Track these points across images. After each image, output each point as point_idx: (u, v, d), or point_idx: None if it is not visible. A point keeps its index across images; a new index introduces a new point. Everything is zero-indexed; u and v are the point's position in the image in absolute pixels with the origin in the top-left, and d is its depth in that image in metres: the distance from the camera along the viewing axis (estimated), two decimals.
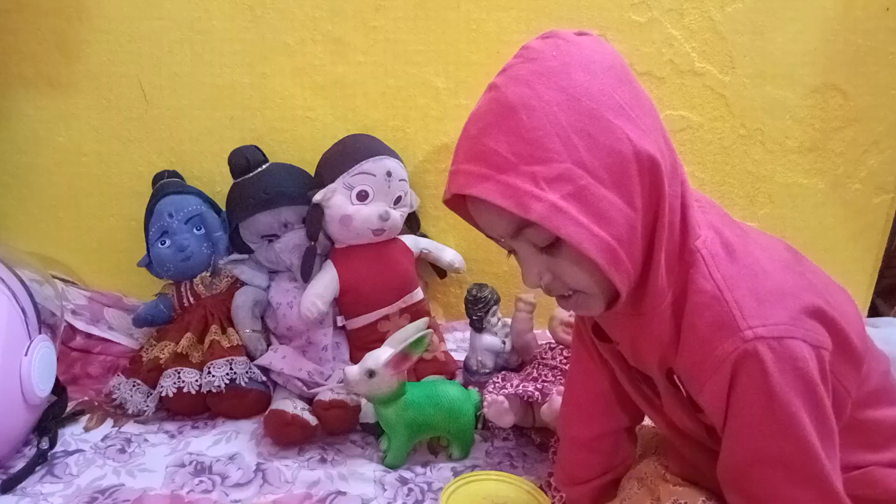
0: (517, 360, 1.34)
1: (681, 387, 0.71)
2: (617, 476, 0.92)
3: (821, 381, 0.60)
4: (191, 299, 1.34)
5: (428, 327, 1.11)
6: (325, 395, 1.19)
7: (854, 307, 0.70)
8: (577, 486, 0.94)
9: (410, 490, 1.07)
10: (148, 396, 1.22)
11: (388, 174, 1.28)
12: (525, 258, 0.66)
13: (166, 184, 1.38)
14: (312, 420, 1.15)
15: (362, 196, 1.27)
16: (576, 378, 0.94)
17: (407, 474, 1.11)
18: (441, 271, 1.50)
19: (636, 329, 0.72)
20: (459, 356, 1.41)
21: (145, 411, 1.21)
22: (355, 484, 1.07)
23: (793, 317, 0.60)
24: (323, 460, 1.13)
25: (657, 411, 0.80)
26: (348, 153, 1.28)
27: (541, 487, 1.06)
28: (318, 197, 1.25)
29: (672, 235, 0.65)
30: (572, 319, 1.23)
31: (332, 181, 1.26)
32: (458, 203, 0.70)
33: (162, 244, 1.33)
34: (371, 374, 1.07)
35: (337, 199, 1.26)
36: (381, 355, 1.08)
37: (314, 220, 1.27)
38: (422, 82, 1.42)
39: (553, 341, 1.28)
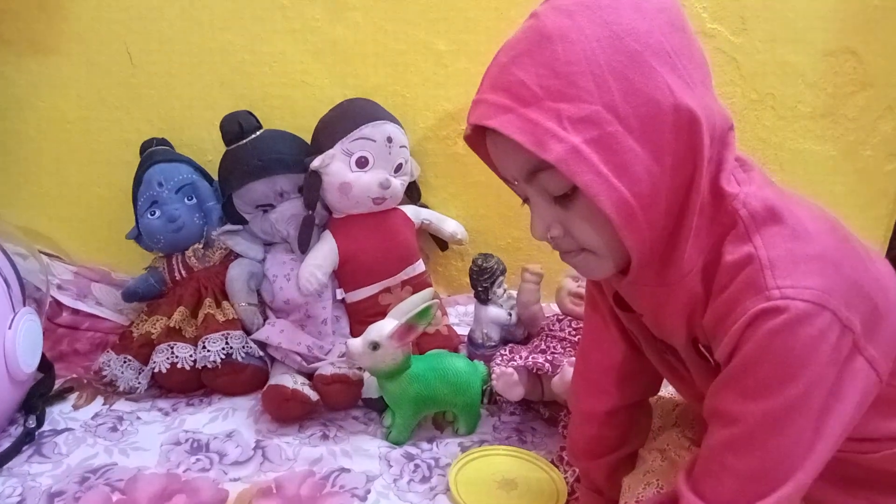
0: (523, 332, 1.30)
1: (707, 356, 0.67)
2: (632, 450, 0.89)
3: (836, 363, 0.55)
4: (182, 272, 1.29)
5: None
6: (326, 369, 1.14)
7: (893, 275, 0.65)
8: (591, 461, 0.90)
9: (417, 466, 1.03)
10: (139, 373, 1.18)
11: (389, 140, 1.23)
12: (536, 207, 0.62)
13: (155, 152, 1.32)
14: (313, 395, 1.11)
15: (362, 162, 1.22)
16: (589, 350, 0.89)
17: (413, 450, 1.07)
18: (442, 243, 1.45)
19: (661, 299, 0.67)
20: (462, 331, 1.38)
21: (137, 388, 1.17)
22: (359, 460, 1.03)
23: (828, 287, 0.55)
24: (325, 437, 1.09)
25: (684, 382, 0.76)
26: (347, 117, 1.23)
27: (552, 462, 1.03)
28: (315, 163, 1.19)
29: (707, 199, 0.60)
30: (581, 290, 1.20)
31: (331, 147, 1.21)
32: (478, 140, 0.65)
33: (151, 215, 1.27)
34: (375, 346, 1.02)
35: (335, 165, 1.21)
36: (384, 327, 1.04)
37: (312, 187, 1.21)
38: (423, 45, 1.36)
39: (560, 313, 1.24)
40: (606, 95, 0.53)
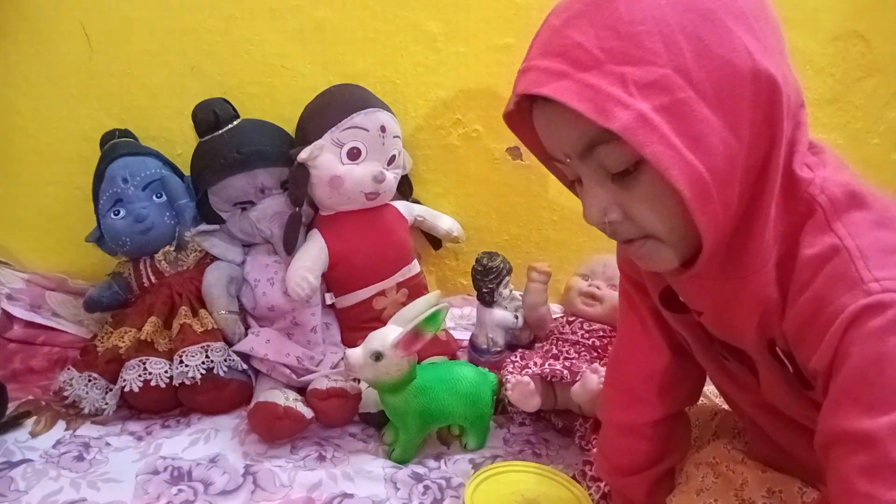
0: (529, 336, 1.22)
1: (785, 361, 0.58)
2: (672, 464, 0.81)
3: None
4: (152, 278, 1.17)
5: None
6: (320, 382, 1.04)
7: None
8: (627, 476, 0.82)
9: (427, 487, 0.93)
10: (107, 392, 1.06)
11: (382, 129, 1.13)
12: (590, 188, 0.56)
13: (118, 144, 1.20)
14: (308, 412, 1.01)
15: (354, 154, 1.11)
16: (625, 356, 0.82)
17: (420, 469, 0.97)
18: (436, 241, 1.36)
19: (728, 295, 0.59)
20: (458, 335, 1.30)
21: (104, 410, 1.05)
22: (363, 484, 0.93)
23: None
24: (321, 458, 0.99)
25: (745, 390, 0.69)
26: (337, 105, 1.13)
27: (573, 478, 0.94)
28: (303, 155, 1.09)
29: (782, 181, 0.53)
30: (593, 289, 1.12)
31: (319, 137, 1.11)
32: (519, 118, 0.59)
33: (115, 215, 1.15)
34: (378, 356, 0.92)
35: (325, 157, 1.11)
36: (388, 335, 0.94)
37: (299, 182, 1.11)
38: (414, 27, 1.27)
39: (569, 314, 1.16)
40: (677, 58, 0.48)
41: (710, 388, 0.87)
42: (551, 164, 0.62)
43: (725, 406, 0.91)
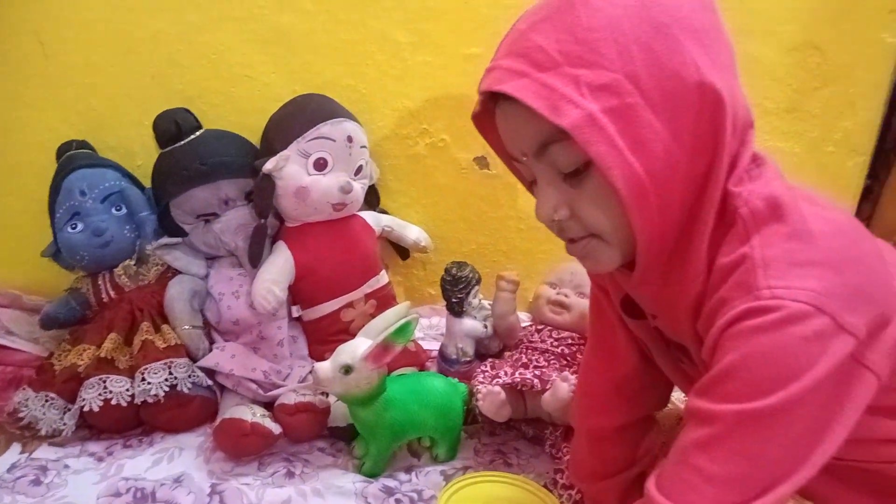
0: (498, 345, 1.22)
1: None
2: (643, 468, 0.83)
3: (833, 368, 0.49)
4: (111, 293, 1.14)
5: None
6: (288, 397, 1.02)
7: None
8: (599, 482, 0.84)
9: (398, 501, 0.93)
10: (64, 412, 1.02)
11: (349, 139, 1.12)
12: (543, 186, 0.59)
13: (75, 156, 1.16)
14: (276, 428, 0.98)
15: (320, 164, 1.10)
16: (595, 363, 0.84)
17: (391, 483, 0.96)
18: (403, 251, 1.35)
19: (671, 300, 0.62)
20: (427, 345, 1.28)
21: (62, 431, 1.01)
22: (333, 499, 0.92)
23: (826, 290, 0.50)
24: (290, 474, 0.97)
25: None
26: (303, 115, 1.11)
27: (545, 486, 0.94)
28: (268, 166, 1.07)
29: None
30: (561, 297, 1.13)
31: (285, 147, 1.09)
32: (487, 119, 0.62)
33: (73, 228, 1.12)
34: (347, 370, 0.91)
35: (291, 168, 1.09)
36: (357, 347, 0.93)
37: (264, 193, 1.09)
38: (380, 36, 1.26)
39: (537, 322, 1.16)
40: (629, 65, 0.51)
41: (675, 394, 0.89)
42: (513, 165, 0.64)
43: None
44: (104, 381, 1.01)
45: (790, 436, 0.50)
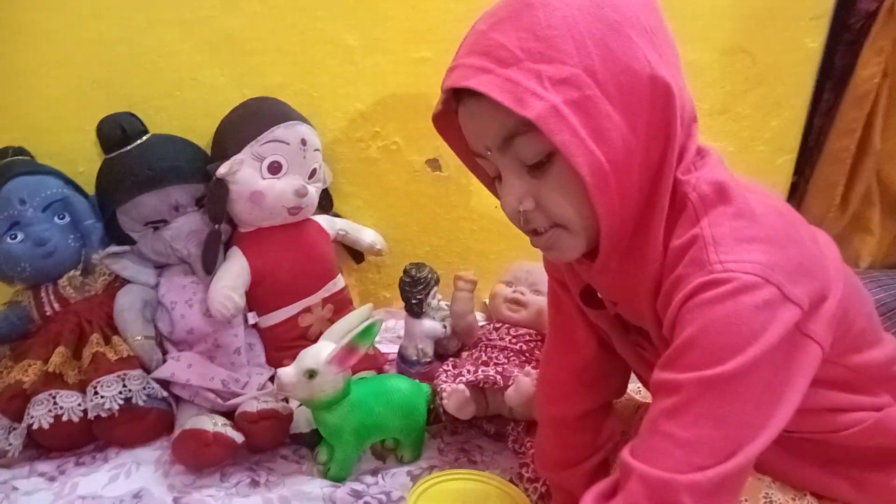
0: (456, 345, 1.23)
1: None
2: (606, 455, 0.86)
3: (782, 336, 0.53)
4: (55, 306, 1.09)
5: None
6: (250, 405, 1.00)
7: (838, 257, 0.66)
8: (565, 470, 0.86)
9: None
10: (10, 432, 0.97)
11: (303, 142, 1.12)
12: (508, 179, 0.61)
13: (13, 163, 1.11)
14: (238, 436, 0.97)
15: (274, 168, 1.09)
16: (556, 354, 0.86)
17: (358, 486, 0.96)
18: (358, 255, 1.35)
19: (631, 284, 0.65)
20: (384, 349, 1.28)
21: (8, 451, 0.96)
22: None
23: (772, 263, 0.54)
24: (255, 483, 0.96)
25: None
26: (256, 118, 1.10)
27: (511, 481, 0.96)
28: (222, 170, 1.05)
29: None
30: (517, 295, 1.15)
31: (238, 151, 1.08)
32: (447, 121, 0.65)
33: (12, 238, 1.07)
34: (312, 374, 0.91)
35: (245, 172, 1.07)
36: (321, 351, 0.93)
37: (218, 198, 1.07)
38: (330, 39, 1.25)
39: (495, 321, 1.18)
40: (586, 60, 0.54)
41: (632, 386, 0.92)
42: (474, 163, 0.66)
43: (647, 400, 0.96)
44: (54, 397, 0.97)
45: (750, 399, 0.53)
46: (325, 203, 1.28)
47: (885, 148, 1.45)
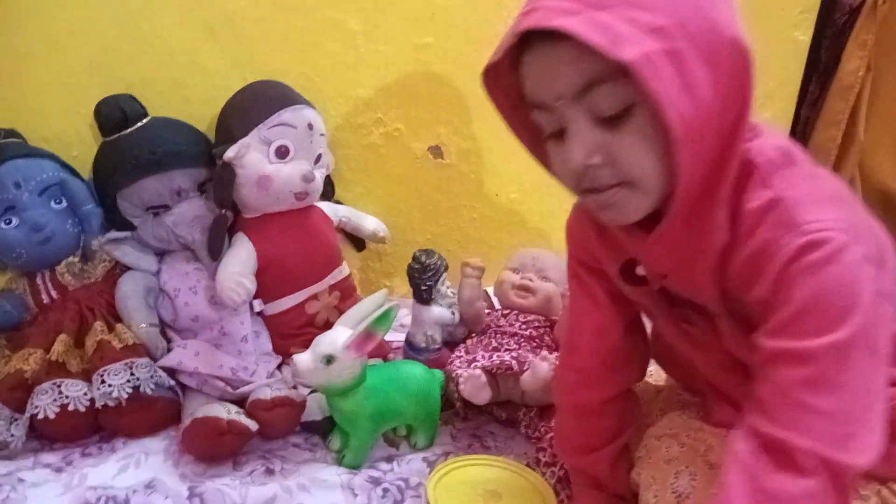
0: (464, 332, 1.23)
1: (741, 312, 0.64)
2: (627, 438, 0.85)
3: (874, 291, 0.54)
4: (53, 294, 1.06)
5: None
6: (263, 392, 0.98)
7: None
8: (587, 455, 0.85)
9: (386, 490, 0.91)
10: (11, 423, 0.93)
11: (310, 126, 1.10)
12: (576, 132, 0.58)
13: (6, 146, 1.07)
14: (252, 424, 0.95)
15: (282, 152, 1.07)
16: (577, 339, 0.84)
17: (374, 473, 0.95)
18: (359, 242, 1.34)
19: (690, 251, 0.63)
20: (387, 336, 1.25)
21: (10, 443, 0.92)
22: (320, 493, 0.89)
23: (850, 220, 0.56)
24: (270, 472, 0.93)
25: (707, 349, 0.73)
26: (262, 101, 1.08)
27: (528, 465, 0.96)
28: (229, 154, 1.03)
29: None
30: (525, 281, 1.15)
31: (244, 135, 1.05)
32: (497, 75, 0.62)
33: (7, 224, 1.03)
34: (329, 360, 0.90)
35: (252, 156, 1.05)
36: (338, 337, 0.92)
37: (225, 182, 1.05)
38: (333, 24, 1.23)
39: (503, 307, 1.18)
40: (679, 12, 0.52)
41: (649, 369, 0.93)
42: (518, 122, 0.64)
43: (659, 383, 0.97)
44: (59, 386, 0.93)
45: (869, 361, 0.54)
46: (328, 189, 1.26)
47: (868, 139, 1.50)
